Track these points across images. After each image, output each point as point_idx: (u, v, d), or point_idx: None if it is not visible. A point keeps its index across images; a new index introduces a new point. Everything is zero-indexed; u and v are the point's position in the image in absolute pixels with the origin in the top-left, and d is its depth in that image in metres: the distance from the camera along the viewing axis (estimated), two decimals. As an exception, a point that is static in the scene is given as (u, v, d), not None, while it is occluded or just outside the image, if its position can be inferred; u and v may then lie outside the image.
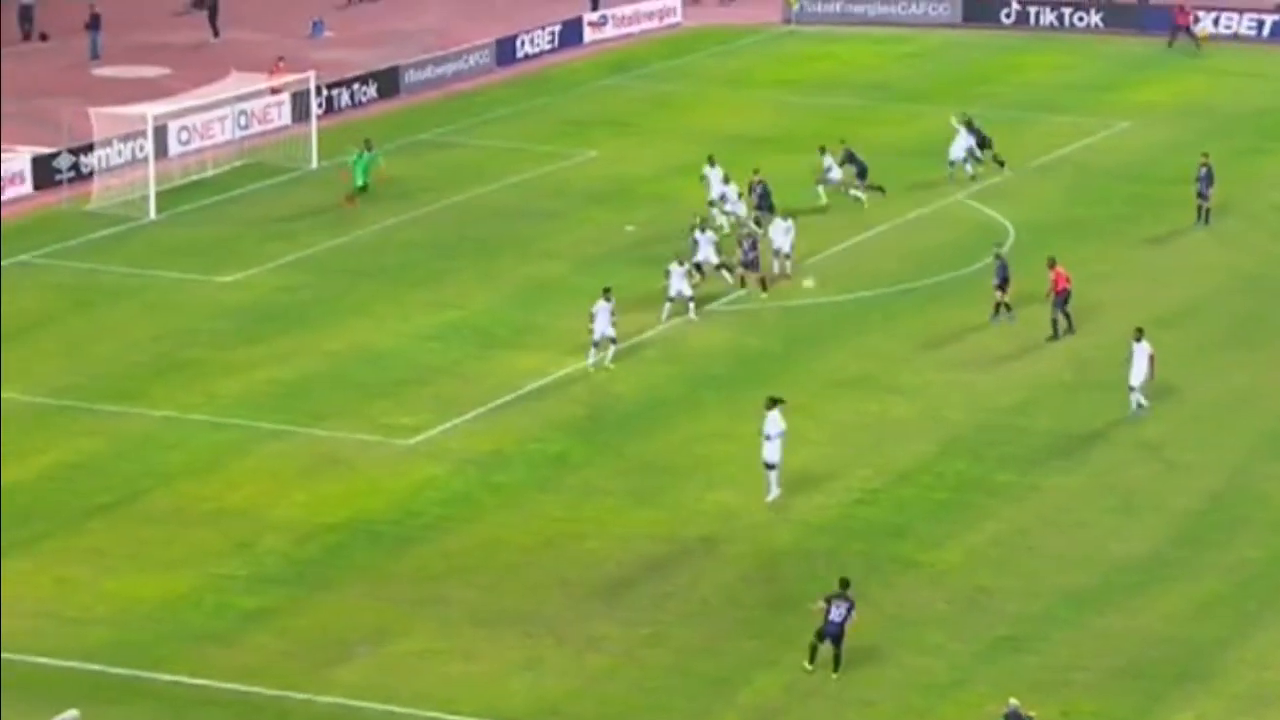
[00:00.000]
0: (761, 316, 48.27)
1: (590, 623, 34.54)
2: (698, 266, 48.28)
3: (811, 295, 49.16)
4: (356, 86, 66.07)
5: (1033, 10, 77.16)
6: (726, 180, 53.17)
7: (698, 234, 49.35)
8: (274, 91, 62.09)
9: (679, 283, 47.26)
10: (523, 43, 71.97)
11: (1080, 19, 76.69)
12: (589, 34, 74.56)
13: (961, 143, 58.36)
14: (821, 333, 47.32)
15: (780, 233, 49.94)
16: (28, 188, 56.99)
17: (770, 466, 38.00)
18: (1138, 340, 42.30)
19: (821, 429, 41.23)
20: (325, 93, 64.08)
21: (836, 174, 55.47)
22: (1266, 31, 75.31)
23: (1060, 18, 76.74)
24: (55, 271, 51.31)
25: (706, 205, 52.69)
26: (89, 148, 57.64)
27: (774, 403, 38.01)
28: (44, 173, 57.24)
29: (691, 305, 47.37)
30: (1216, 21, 75.44)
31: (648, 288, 48.55)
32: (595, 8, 76.30)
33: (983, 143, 58.73)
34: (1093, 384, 44.31)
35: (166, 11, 77.93)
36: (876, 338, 46.94)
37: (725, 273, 48.67)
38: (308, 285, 50.25)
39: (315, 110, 61.14)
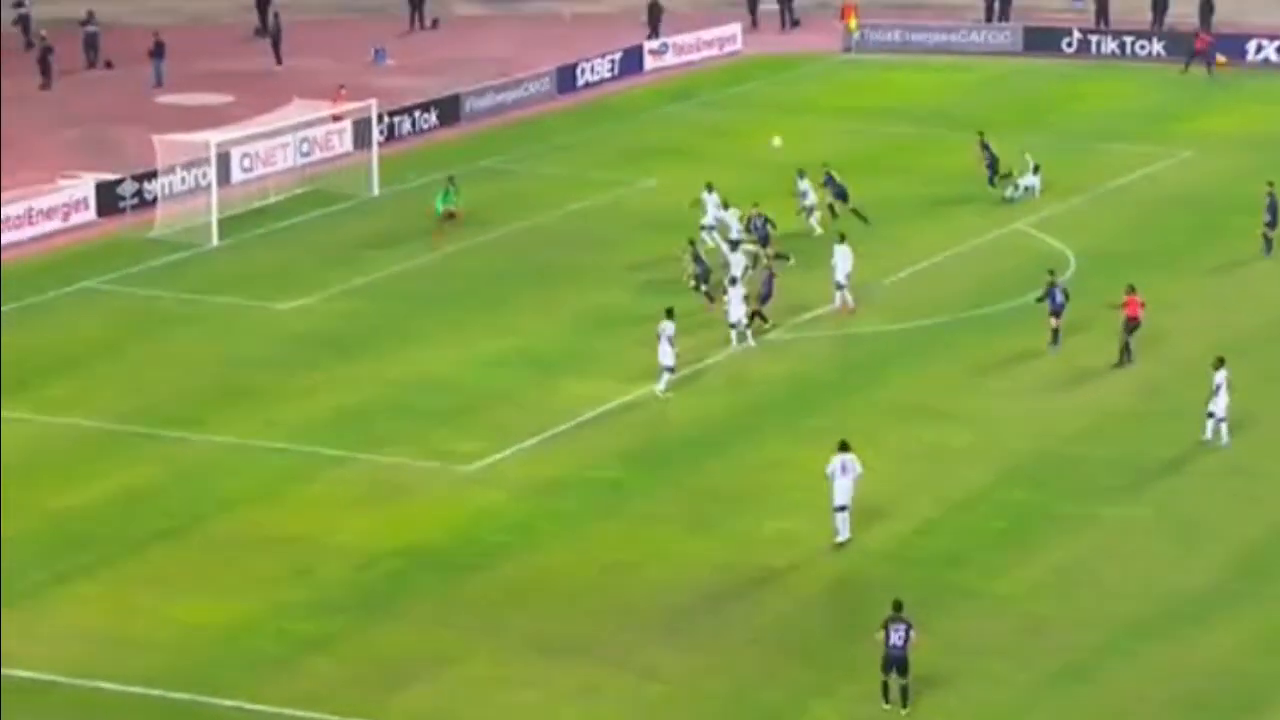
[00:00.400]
0: (819, 344, 48.21)
1: (648, 651, 34.51)
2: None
3: (870, 323, 49.12)
4: (418, 114, 66.32)
5: (1094, 39, 76.92)
6: (725, 206, 53.15)
7: (728, 252, 49.23)
8: (336, 119, 62.41)
9: (737, 309, 47.22)
10: (583, 71, 72.12)
11: (1142, 47, 76.42)
12: (649, 62, 74.67)
13: (1030, 176, 58.54)
14: (881, 361, 47.22)
15: (842, 259, 49.77)
16: (91, 214, 57.39)
17: (840, 509, 37.86)
18: (1217, 369, 42.05)
19: (881, 457, 41.10)
20: (387, 120, 64.34)
21: (811, 199, 55.37)
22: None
23: (1122, 46, 76.49)
24: (118, 298, 51.63)
25: (699, 229, 52.68)
26: (152, 175, 58.00)
27: (845, 446, 37.83)
28: (108, 199, 57.63)
29: (749, 332, 47.32)
30: (1280, 50, 75.14)
31: (707, 316, 48.52)
32: (655, 36, 76.46)
33: (993, 163, 58.85)
34: (1157, 412, 44.11)
35: (230, 39, 78.45)
36: (936, 366, 46.83)
37: (706, 298, 48.46)
38: (368, 312, 50.43)
39: (376, 138, 61.38)
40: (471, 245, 55.28)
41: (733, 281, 47.74)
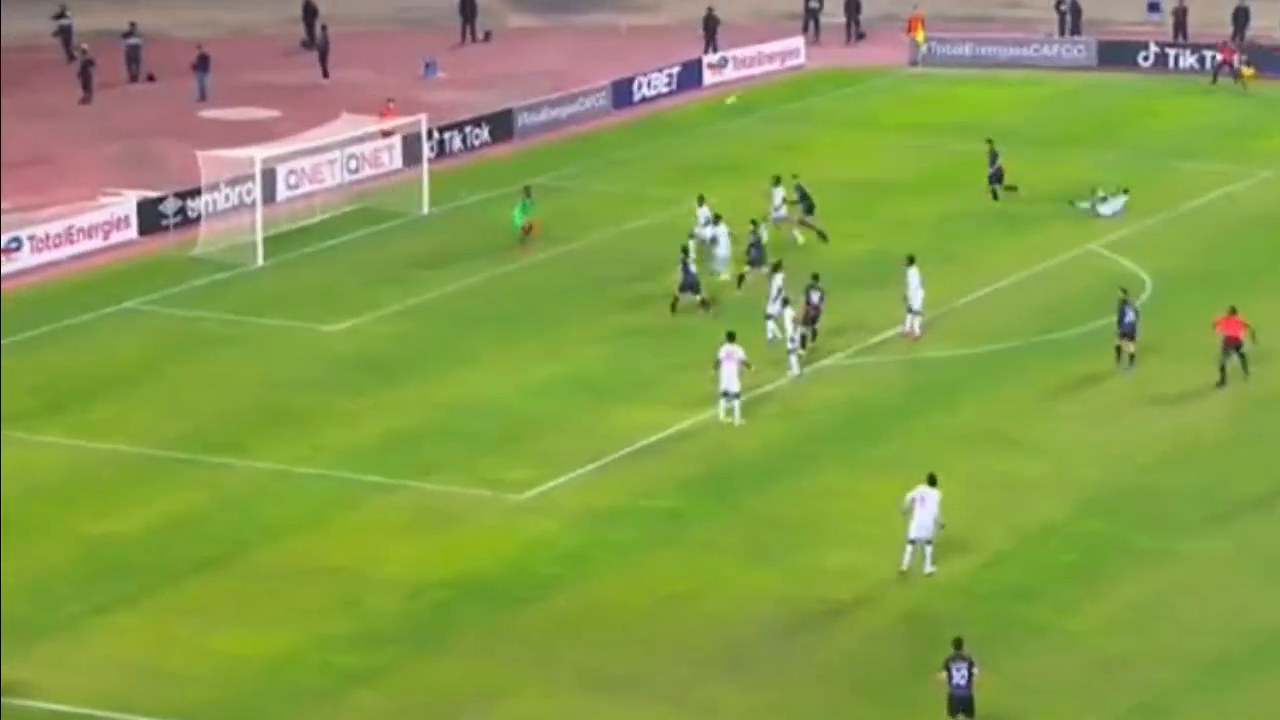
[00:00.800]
0: (885, 370, 48.03)
1: (706, 687, 34.36)
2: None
3: (938, 347, 48.92)
4: (469, 129, 66.40)
5: (1172, 53, 76.52)
6: (717, 220, 53.35)
7: (778, 282, 48.79)
8: (385, 135, 62.52)
9: (791, 332, 46.82)
10: (640, 85, 72.12)
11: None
12: (708, 76, 74.63)
13: (1119, 197, 58.44)
14: (949, 387, 47.00)
15: (914, 284, 49.55)
16: (133, 232, 57.59)
17: (913, 542, 37.70)
18: None
19: (948, 487, 40.74)
20: (437, 136, 64.45)
21: (784, 210, 55.49)
22: None
23: (1201, 60, 76.01)
24: (159, 319, 51.80)
25: (692, 237, 53.04)
26: (196, 192, 58.19)
27: (932, 480, 37.73)
28: (150, 217, 57.82)
29: (794, 357, 46.80)
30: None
31: (763, 341, 48.36)
32: (714, 49, 76.39)
33: (998, 175, 58.90)
34: (1239, 440, 43.75)
35: (276, 52, 78.73)
36: (1007, 392, 46.59)
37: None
38: (417, 334, 50.48)
39: (427, 154, 61.47)
40: (524, 265, 55.28)
41: (785, 303, 47.39)
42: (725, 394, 44.42)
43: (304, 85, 73.34)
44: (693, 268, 51.08)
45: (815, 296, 48.52)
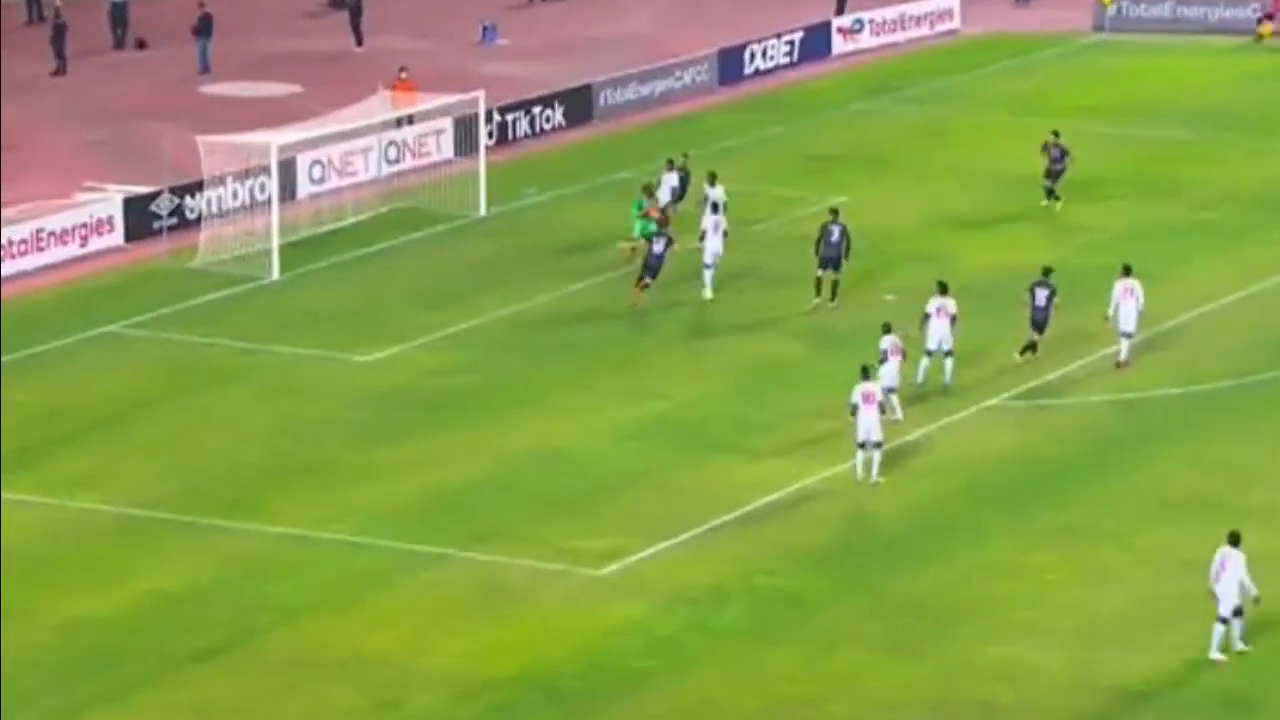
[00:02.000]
0: (1065, 413, 48.05)
1: (835, 813, 34.56)
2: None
3: (1136, 384, 48.96)
4: (538, 110, 66.83)
5: None
6: (714, 208, 54.35)
7: (936, 304, 48.51)
8: (400, 124, 62.27)
9: (891, 374, 46.58)
10: (753, 55, 72.49)
11: None
12: (839, 44, 74.91)
13: None
14: (1147, 435, 47.01)
15: (1126, 298, 49.42)
16: (118, 237, 58.19)
17: (1226, 620, 37.82)
18: None
19: (1143, 564, 40.92)
20: (498, 118, 64.88)
21: (662, 200, 56.89)
22: None
23: None
24: (151, 345, 52.31)
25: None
26: (196, 187, 58.77)
27: (1234, 539, 37.87)
28: (139, 218, 58.42)
29: (893, 398, 46.61)
30: None
31: (909, 374, 48.56)
32: (841, 11, 76.57)
33: (1060, 171, 59.01)
34: None
35: (297, 12, 79.41)
36: (1221, 444, 46.55)
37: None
38: (472, 367, 50.83)
39: (484, 141, 61.87)
40: (606, 280, 55.56)
41: (886, 329, 47.20)
42: (863, 445, 44.54)
43: (332, 54, 73.97)
44: (658, 247, 52.46)
45: (1042, 296, 48.55)
